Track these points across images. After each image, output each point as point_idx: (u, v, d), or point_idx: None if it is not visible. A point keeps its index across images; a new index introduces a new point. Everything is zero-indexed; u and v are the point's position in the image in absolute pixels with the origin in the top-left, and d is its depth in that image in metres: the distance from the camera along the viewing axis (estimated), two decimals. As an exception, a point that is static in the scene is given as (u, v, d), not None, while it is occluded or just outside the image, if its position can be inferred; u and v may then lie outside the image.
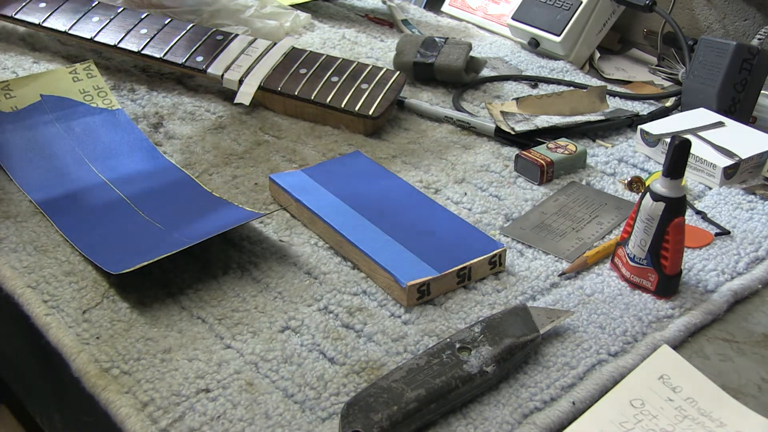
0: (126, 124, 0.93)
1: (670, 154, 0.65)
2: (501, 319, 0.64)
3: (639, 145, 0.93)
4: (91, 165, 0.86)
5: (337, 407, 0.59)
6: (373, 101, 0.95)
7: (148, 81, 1.07)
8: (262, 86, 0.99)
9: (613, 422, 0.57)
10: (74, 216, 0.78)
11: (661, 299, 0.70)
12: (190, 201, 0.81)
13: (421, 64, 1.07)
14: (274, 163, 0.90)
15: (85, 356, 0.62)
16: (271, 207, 0.82)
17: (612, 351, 0.64)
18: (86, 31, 1.06)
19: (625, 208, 0.83)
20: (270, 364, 0.62)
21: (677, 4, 1.27)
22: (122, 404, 0.58)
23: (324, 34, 1.24)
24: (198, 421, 0.57)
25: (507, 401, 0.59)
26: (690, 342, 0.67)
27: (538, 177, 0.87)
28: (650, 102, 1.08)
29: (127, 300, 0.69)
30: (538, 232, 0.79)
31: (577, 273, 0.74)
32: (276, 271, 0.73)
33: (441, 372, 0.58)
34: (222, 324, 0.66)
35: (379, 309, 0.69)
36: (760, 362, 0.65)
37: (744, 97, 0.98)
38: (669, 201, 0.66)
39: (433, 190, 0.86)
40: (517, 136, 0.94)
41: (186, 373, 0.61)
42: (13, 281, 0.70)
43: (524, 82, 1.12)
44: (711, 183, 0.87)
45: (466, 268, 0.71)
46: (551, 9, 1.19)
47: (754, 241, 0.77)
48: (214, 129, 0.96)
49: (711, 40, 0.99)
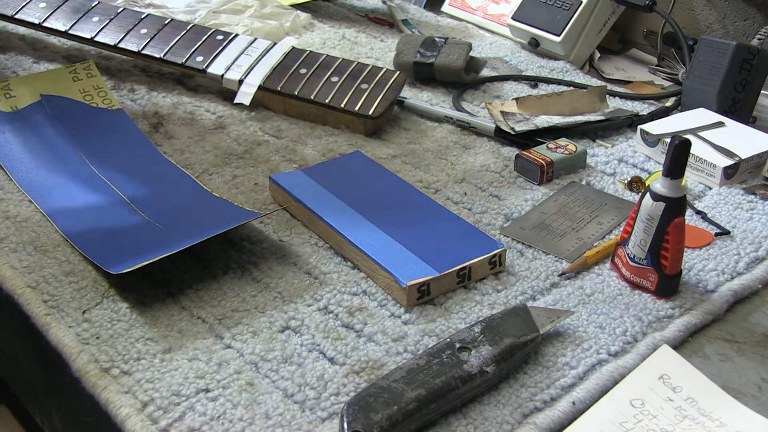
0: (126, 124, 0.93)
1: (670, 154, 0.65)
2: (501, 319, 0.64)
3: (639, 145, 0.93)
4: (91, 165, 0.86)
5: (337, 407, 0.59)
6: (373, 101, 0.95)
7: (148, 81, 1.07)
8: (262, 86, 0.99)
9: (613, 422, 0.57)
10: (74, 216, 0.78)
11: (661, 299, 0.70)
12: (190, 201, 0.81)
13: (421, 64, 1.07)
14: (274, 163, 0.90)
15: (85, 356, 0.62)
16: (271, 207, 0.82)
17: (612, 351, 0.64)
18: (86, 31, 1.06)
19: (625, 208, 0.83)
20: (270, 364, 0.62)
21: (677, 4, 1.27)
22: (122, 404, 0.58)
23: (324, 34, 1.24)
24: (198, 421, 0.57)
25: (507, 401, 0.59)
26: (690, 342, 0.67)
27: (538, 177, 0.87)
28: (650, 102, 1.08)
29: (127, 300, 0.69)
30: (538, 232, 0.79)
31: (577, 273, 0.74)
32: (276, 271, 0.73)
33: (441, 372, 0.58)
34: (222, 324, 0.66)
35: (379, 309, 0.69)
36: (760, 362, 0.65)
37: (744, 97, 0.98)
38: (669, 201, 0.66)
39: (433, 190, 0.86)
40: (517, 136, 0.94)
41: (186, 373, 0.61)
42: (13, 281, 0.70)
43: (524, 82, 1.12)
44: (711, 183, 0.87)
45: (466, 268, 0.71)
46: (551, 9, 1.19)
47: (754, 241, 0.77)
48: (214, 129, 0.96)
49: (711, 40, 0.99)
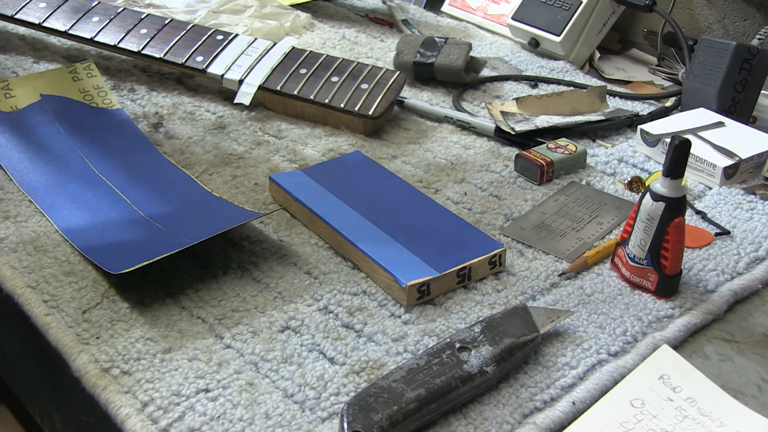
0: (126, 124, 0.93)
1: (670, 154, 0.65)
2: (501, 319, 0.64)
3: (639, 145, 0.93)
4: (91, 165, 0.86)
5: (337, 407, 0.59)
6: (373, 101, 0.95)
7: (148, 81, 1.07)
8: (262, 86, 0.99)
9: (613, 422, 0.57)
10: (74, 216, 0.78)
11: (661, 299, 0.70)
12: (190, 201, 0.81)
13: (421, 64, 1.07)
14: (274, 163, 0.90)
15: (85, 356, 0.62)
16: (271, 207, 0.82)
17: (612, 351, 0.64)
18: (86, 31, 1.06)
19: (625, 208, 0.83)
20: (270, 364, 0.62)
21: (677, 4, 1.27)
22: (122, 404, 0.58)
23: (324, 34, 1.24)
24: (198, 421, 0.57)
25: (507, 401, 0.59)
26: (690, 342, 0.67)
27: (538, 177, 0.87)
28: (650, 102, 1.08)
29: (127, 300, 0.69)
30: (538, 232, 0.79)
31: (577, 273, 0.74)
32: (276, 271, 0.73)
33: (441, 372, 0.58)
34: (222, 324, 0.66)
35: (379, 309, 0.68)
36: (760, 362, 0.65)
37: (744, 97, 0.98)
38: (669, 201, 0.66)
39: (433, 190, 0.86)
40: (517, 136, 0.94)
41: (186, 373, 0.61)
42: (13, 281, 0.70)
43: (524, 82, 1.12)
44: (711, 183, 0.87)
45: (466, 268, 0.71)
46: (551, 9, 1.19)
47: (754, 241, 0.77)
48: (214, 129, 0.96)
49: (711, 40, 0.99)
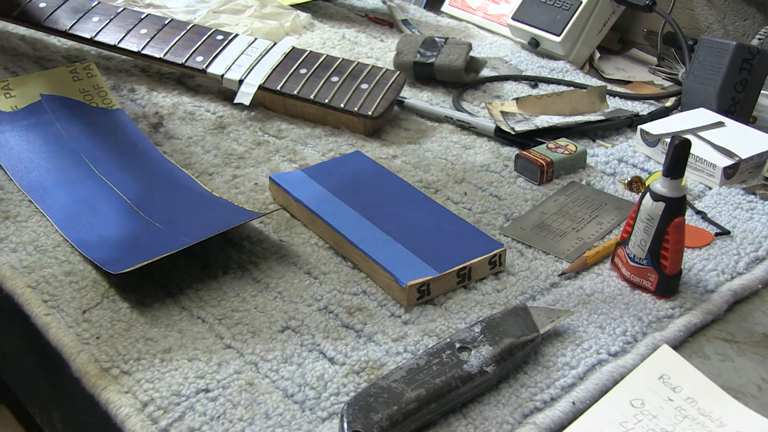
0: (126, 124, 0.93)
1: (670, 154, 0.65)
2: (501, 319, 0.64)
3: (639, 145, 0.93)
4: (91, 165, 0.86)
5: (337, 407, 0.59)
6: (373, 101, 0.95)
7: (148, 81, 1.07)
8: (262, 86, 0.99)
9: (613, 422, 0.57)
10: (74, 216, 0.78)
11: (661, 299, 0.70)
12: (190, 201, 0.81)
13: (421, 64, 1.07)
14: (274, 163, 0.90)
15: (85, 356, 0.62)
16: (271, 207, 0.82)
17: (612, 351, 0.64)
18: (86, 31, 1.06)
19: (625, 208, 0.83)
20: (270, 364, 0.62)
21: (677, 4, 1.27)
22: (122, 404, 0.58)
23: (324, 34, 1.24)
24: (198, 421, 0.57)
25: (507, 401, 0.59)
26: (690, 342, 0.67)
27: (538, 177, 0.87)
28: (650, 102, 1.08)
29: (127, 300, 0.69)
30: (538, 232, 0.79)
31: (577, 273, 0.74)
32: (276, 271, 0.73)
33: (441, 372, 0.58)
34: (222, 324, 0.66)
35: (379, 309, 0.68)
36: (760, 362, 0.65)
37: (744, 97, 0.98)
38: (669, 201, 0.66)
39: (433, 190, 0.86)
40: (517, 136, 0.94)
41: (186, 373, 0.61)
42: (13, 281, 0.70)
43: (524, 82, 1.12)
44: (711, 183, 0.87)
45: (466, 268, 0.71)
46: (551, 9, 1.19)
47: (754, 241, 0.77)
48: (214, 129, 0.96)
49: (711, 40, 0.99)
